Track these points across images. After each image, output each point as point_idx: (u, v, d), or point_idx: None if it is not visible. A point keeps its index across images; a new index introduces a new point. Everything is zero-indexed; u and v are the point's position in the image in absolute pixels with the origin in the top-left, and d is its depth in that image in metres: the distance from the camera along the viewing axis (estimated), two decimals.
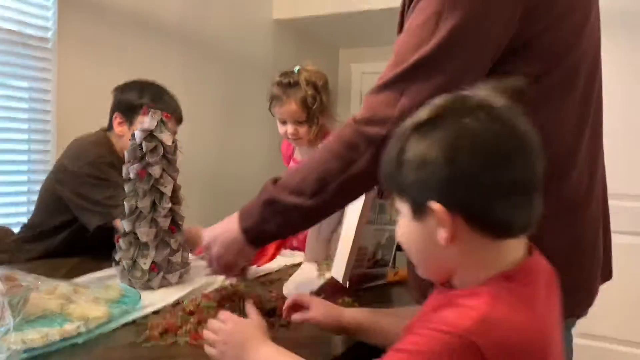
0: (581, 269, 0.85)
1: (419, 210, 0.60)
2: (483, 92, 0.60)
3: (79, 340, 0.86)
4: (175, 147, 1.20)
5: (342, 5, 3.17)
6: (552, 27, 0.78)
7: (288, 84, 1.64)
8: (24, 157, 2.07)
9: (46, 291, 0.98)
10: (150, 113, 1.17)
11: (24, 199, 2.09)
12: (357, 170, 0.79)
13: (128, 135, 1.45)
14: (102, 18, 2.25)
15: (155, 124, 1.16)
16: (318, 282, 1.19)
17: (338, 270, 1.17)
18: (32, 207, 2.08)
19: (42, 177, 2.09)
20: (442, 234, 0.58)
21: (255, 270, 1.31)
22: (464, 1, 0.73)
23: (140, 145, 1.15)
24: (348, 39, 3.88)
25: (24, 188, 2.09)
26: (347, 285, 1.15)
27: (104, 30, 2.26)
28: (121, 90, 1.55)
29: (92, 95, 2.23)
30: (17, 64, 1.98)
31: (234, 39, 2.98)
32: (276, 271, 1.38)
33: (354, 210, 1.17)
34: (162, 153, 1.17)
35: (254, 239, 0.92)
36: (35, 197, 2.09)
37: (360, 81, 4.03)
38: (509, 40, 0.76)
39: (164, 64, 2.56)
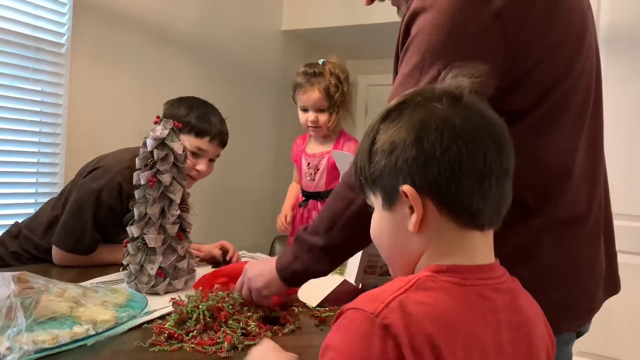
0: (579, 284, 0.86)
1: (390, 198, 0.61)
2: (448, 80, 0.62)
3: (88, 343, 0.88)
4: (186, 155, 1.23)
5: (349, 19, 3.21)
6: (542, 61, 0.79)
7: (313, 73, 1.73)
8: (33, 160, 2.10)
9: (56, 293, 1.00)
10: (162, 122, 1.20)
11: (31, 200, 2.11)
12: (356, 207, 0.85)
13: None
14: (115, 25, 2.29)
15: (167, 132, 1.19)
16: (332, 285, 1.21)
17: (351, 272, 1.19)
18: (38, 208, 2.13)
19: (50, 179, 2.14)
20: (412, 219, 0.59)
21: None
22: (445, 52, 0.75)
23: (152, 152, 1.18)
24: (354, 50, 3.92)
25: (32, 190, 2.11)
26: (360, 287, 1.18)
27: (117, 37, 2.30)
28: (171, 104, 1.53)
29: (103, 101, 2.27)
30: (30, 68, 2.01)
31: (244, 49, 3.02)
32: None
33: None
34: (172, 161, 1.19)
35: (285, 277, 0.98)
36: (42, 200, 2.13)
37: (366, 93, 4.07)
38: (497, 80, 0.77)
39: (175, 72, 2.60)
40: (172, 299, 1.05)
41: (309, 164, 1.81)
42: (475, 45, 0.76)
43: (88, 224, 1.40)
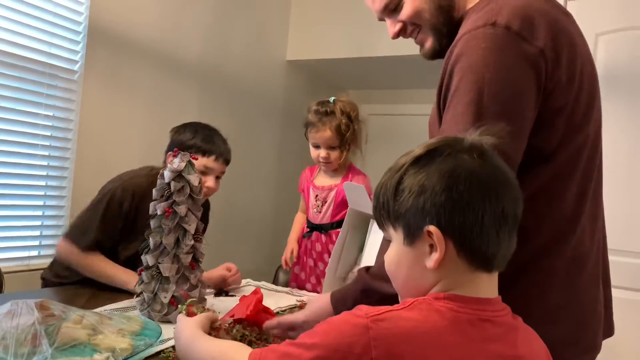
0: (584, 321, 0.90)
1: (412, 235, 0.67)
2: (473, 135, 0.69)
3: None
4: (201, 188, 1.27)
5: (352, 51, 3.30)
6: (568, 105, 0.86)
7: (325, 112, 1.79)
8: (41, 183, 2.13)
9: (74, 320, 1.03)
10: (179, 155, 1.24)
11: (38, 222, 2.14)
12: None
13: None
14: (127, 54, 2.36)
15: (184, 165, 1.23)
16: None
17: None
18: (45, 232, 2.16)
19: (57, 202, 2.16)
20: (432, 257, 0.65)
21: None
22: (495, 88, 0.80)
23: (169, 184, 1.22)
24: (357, 81, 4.01)
25: (39, 212, 2.14)
26: None
27: (128, 65, 2.37)
28: (176, 131, 1.63)
29: (112, 128, 2.32)
30: (43, 94, 2.07)
31: (249, 78, 3.10)
32: (288, 309, 1.43)
33: (373, 247, 1.23)
34: (188, 193, 1.23)
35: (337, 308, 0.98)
36: (49, 223, 2.16)
37: (367, 122, 4.14)
38: (535, 119, 0.83)
39: (183, 100, 2.67)
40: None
41: (316, 195, 1.86)
42: (524, 80, 0.81)
43: (97, 219, 1.50)
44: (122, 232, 1.53)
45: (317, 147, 1.83)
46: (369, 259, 1.26)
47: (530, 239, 0.86)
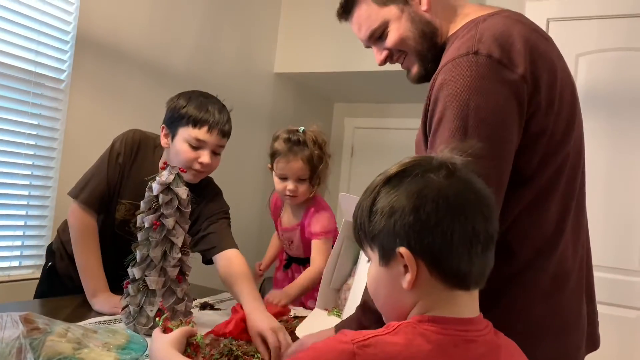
0: (567, 336, 0.92)
1: (387, 256, 0.68)
2: (445, 153, 0.70)
3: None
4: (189, 201, 1.27)
5: (339, 65, 3.33)
6: (548, 128, 0.89)
7: (297, 141, 1.68)
8: (25, 192, 2.10)
9: (58, 334, 1.02)
10: (168, 168, 1.25)
11: (20, 232, 2.11)
12: None
13: (172, 151, 1.47)
14: (115, 64, 2.35)
15: (173, 178, 1.24)
16: (330, 325, 1.24)
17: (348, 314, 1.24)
18: (27, 242, 2.13)
19: (40, 212, 2.14)
20: (406, 278, 0.66)
21: None
22: (480, 113, 0.83)
23: (157, 197, 1.23)
24: (343, 94, 4.05)
25: (21, 222, 2.11)
26: None
27: (116, 75, 2.36)
28: (171, 99, 1.53)
29: (98, 137, 2.29)
30: (29, 102, 2.05)
31: (237, 88, 3.10)
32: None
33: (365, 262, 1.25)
34: (176, 206, 1.24)
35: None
36: (31, 233, 2.13)
37: (353, 135, 4.17)
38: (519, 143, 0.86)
39: None
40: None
41: (283, 234, 1.83)
42: (509, 106, 0.84)
43: (99, 173, 1.49)
44: (118, 185, 1.51)
45: (283, 178, 1.70)
46: (363, 270, 1.27)
47: (514, 255, 0.89)
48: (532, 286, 0.89)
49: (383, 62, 1.07)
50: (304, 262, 1.71)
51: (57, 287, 1.57)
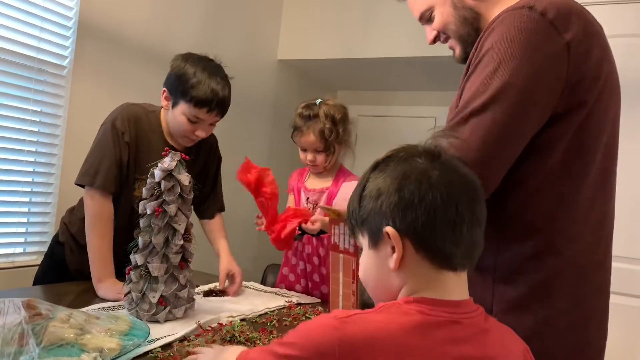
0: (585, 332, 0.89)
1: (375, 238, 0.70)
2: (430, 141, 0.73)
3: None
4: (191, 187, 1.27)
5: (342, 52, 3.31)
6: (590, 102, 0.88)
7: (308, 116, 1.76)
8: (28, 179, 2.10)
9: (60, 319, 1.02)
10: (170, 154, 1.24)
11: (24, 219, 2.11)
12: None
13: (172, 115, 1.51)
14: (117, 50, 2.34)
15: (175, 164, 1.23)
16: None
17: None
18: (31, 228, 2.13)
19: (44, 199, 2.14)
20: (393, 258, 0.67)
21: (252, 311, 1.38)
22: (517, 64, 0.83)
23: (159, 183, 1.22)
24: (346, 81, 4.02)
25: (25, 209, 2.11)
26: None
27: (118, 61, 2.35)
28: (177, 64, 1.51)
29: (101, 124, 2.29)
30: (32, 89, 2.04)
31: (240, 75, 3.05)
32: (277, 309, 1.43)
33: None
34: (178, 192, 1.23)
35: None
36: (35, 220, 2.13)
37: (357, 123, 4.15)
38: (552, 108, 0.86)
39: None
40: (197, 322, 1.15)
41: (308, 198, 1.85)
42: (545, 66, 0.84)
43: (106, 154, 1.46)
44: (132, 163, 1.50)
45: (304, 150, 1.82)
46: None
47: (537, 234, 0.87)
48: (556, 275, 0.86)
49: (432, 42, 1.11)
50: (318, 233, 1.74)
51: (66, 280, 1.56)
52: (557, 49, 0.84)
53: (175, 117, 1.51)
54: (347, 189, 1.42)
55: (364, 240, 0.73)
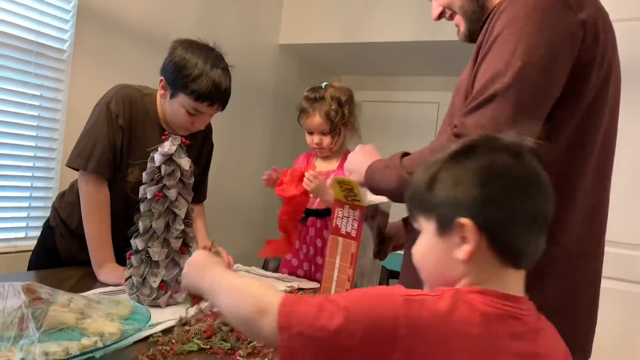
0: (574, 318, 0.90)
1: (445, 226, 0.67)
2: (510, 136, 0.70)
3: (96, 355, 0.90)
4: (192, 171, 1.26)
5: (345, 36, 3.28)
6: (595, 86, 0.88)
7: (314, 98, 1.78)
8: (29, 164, 2.10)
9: (61, 304, 1.02)
10: (170, 138, 1.23)
11: (25, 204, 2.11)
12: None
13: (170, 106, 1.48)
14: (117, 34, 2.32)
15: (175, 149, 1.22)
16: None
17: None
18: (32, 213, 2.13)
19: (45, 184, 2.14)
20: (464, 249, 0.65)
21: None
22: (534, 41, 0.82)
23: (159, 168, 1.21)
24: (349, 67, 3.99)
25: (27, 194, 2.11)
26: None
27: (118, 44, 2.33)
28: (176, 52, 1.46)
29: None
30: (32, 73, 2.03)
31: (241, 60, 3.03)
32: None
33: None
34: (179, 177, 1.22)
35: (367, 175, 1.05)
36: (37, 204, 2.13)
37: (359, 108, 4.12)
38: (564, 89, 0.85)
39: None
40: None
41: None
42: (562, 44, 0.84)
43: (100, 138, 1.43)
44: (125, 148, 1.48)
45: (310, 133, 1.83)
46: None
47: None
48: (550, 263, 0.86)
49: (437, 18, 1.11)
50: (323, 215, 1.74)
51: (55, 266, 1.55)
52: (572, 28, 0.84)
53: (173, 107, 1.47)
54: (357, 159, 1.36)
55: (427, 225, 0.70)
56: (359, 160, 1.10)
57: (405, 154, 0.98)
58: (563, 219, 0.87)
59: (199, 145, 1.69)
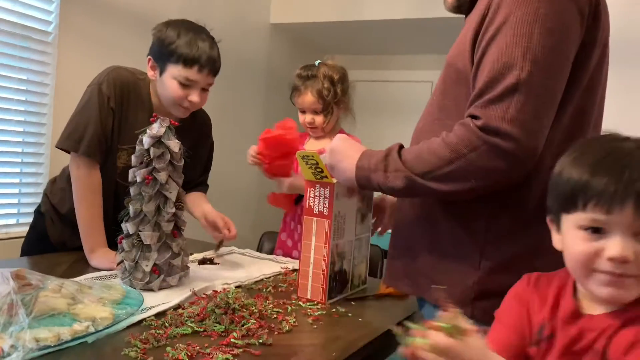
0: None
1: None
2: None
3: (89, 340, 0.89)
4: (182, 154, 1.24)
5: (338, 14, 3.23)
6: (591, 69, 0.87)
7: (307, 76, 1.76)
8: (17, 149, 2.07)
9: (52, 289, 1.01)
10: (158, 120, 1.20)
11: (15, 190, 2.09)
12: (465, 162, 0.83)
13: (161, 85, 1.45)
14: (103, 15, 2.27)
15: (164, 131, 1.19)
16: None
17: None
18: (23, 199, 2.11)
19: (35, 170, 2.11)
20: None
21: (248, 277, 1.37)
22: (553, 29, 0.80)
23: (148, 150, 1.19)
24: (342, 45, 3.94)
25: (16, 180, 2.08)
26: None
27: (105, 26, 2.28)
28: (159, 29, 1.45)
29: None
30: (17, 56, 1.98)
31: (232, 41, 2.99)
32: (273, 276, 1.43)
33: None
34: (168, 159, 1.20)
35: (359, 177, 0.99)
36: (27, 190, 2.10)
37: (353, 88, 4.08)
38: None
39: None
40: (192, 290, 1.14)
41: None
42: (574, 24, 0.82)
43: (91, 120, 1.40)
44: (116, 131, 1.45)
45: (303, 111, 1.81)
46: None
47: (533, 203, 0.86)
48: (542, 239, 0.86)
49: None
50: None
51: (49, 251, 1.53)
52: (581, 5, 0.82)
53: (165, 84, 1.43)
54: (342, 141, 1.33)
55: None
56: (341, 159, 1.05)
57: (400, 148, 0.94)
58: None
59: (194, 137, 1.60)
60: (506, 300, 0.79)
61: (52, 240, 1.55)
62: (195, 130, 1.62)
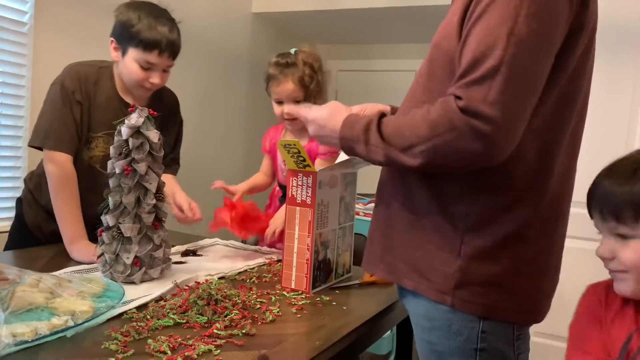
0: (541, 280, 0.91)
1: None
2: None
3: (68, 334, 0.88)
4: (161, 144, 1.22)
5: (320, 3, 3.20)
6: (578, 55, 0.86)
7: (286, 64, 1.66)
8: None
9: (30, 284, 0.99)
10: (137, 110, 1.18)
11: None
12: (442, 141, 0.81)
13: (123, 66, 1.47)
14: (80, 4, 2.22)
15: (142, 121, 1.17)
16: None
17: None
18: (1, 194, 2.07)
19: (12, 164, 2.07)
20: None
21: (232, 268, 1.36)
22: (535, 7, 0.78)
23: (127, 141, 1.17)
24: (325, 35, 3.91)
25: None
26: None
27: (82, 16, 2.23)
28: (121, 12, 1.46)
29: None
30: None
31: (213, 30, 2.97)
32: (257, 267, 1.42)
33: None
34: (148, 150, 1.18)
35: (344, 146, 0.98)
36: (5, 185, 2.06)
37: (336, 78, 4.07)
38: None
39: None
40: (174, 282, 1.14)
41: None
42: (562, 9, 0.80)
43: (57, 116, 1.43)
44: (86, 122, 1.47)
45: (280, 102, 1.70)
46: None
47: (512, 183, 0.86)
48: (526, 226, 0.85)
49: None
50: None
51: (26, 240, 1.52)
52: None
53: (127, 65, 1.45)
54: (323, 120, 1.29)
55: None
56: (324, 132, 1.02)
57: (381, 117, 0.92)
58: (544, 185, 0.87)
59: (163, 117, 1.55)
60: (578, 322, 0.81)
61: (28, 226, 1.55)
62: (162, 109, 1.59)
